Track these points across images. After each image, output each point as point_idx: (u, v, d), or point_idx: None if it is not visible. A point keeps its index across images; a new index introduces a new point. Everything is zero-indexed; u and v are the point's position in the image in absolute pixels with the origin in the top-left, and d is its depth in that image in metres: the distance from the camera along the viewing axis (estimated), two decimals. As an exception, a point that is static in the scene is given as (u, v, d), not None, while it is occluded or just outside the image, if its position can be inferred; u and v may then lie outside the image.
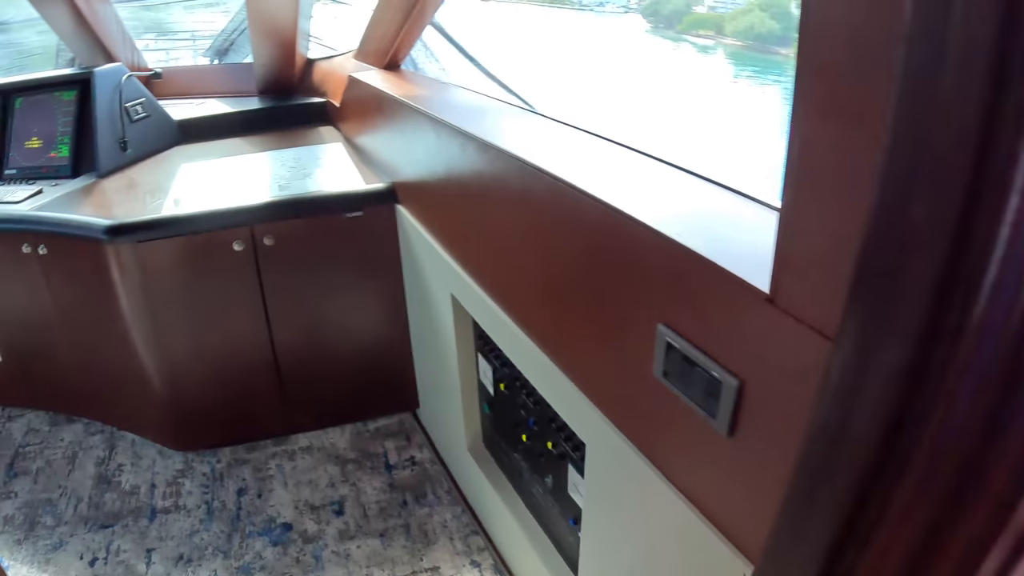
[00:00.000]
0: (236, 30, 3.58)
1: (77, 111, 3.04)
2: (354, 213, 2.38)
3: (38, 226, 2.54)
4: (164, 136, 3.20)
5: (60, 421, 3.17)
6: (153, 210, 2.44)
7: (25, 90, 3.21)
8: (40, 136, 3.10)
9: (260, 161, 2.86)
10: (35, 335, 2.92)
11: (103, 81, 2.97)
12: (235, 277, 2.45)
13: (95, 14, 3.22)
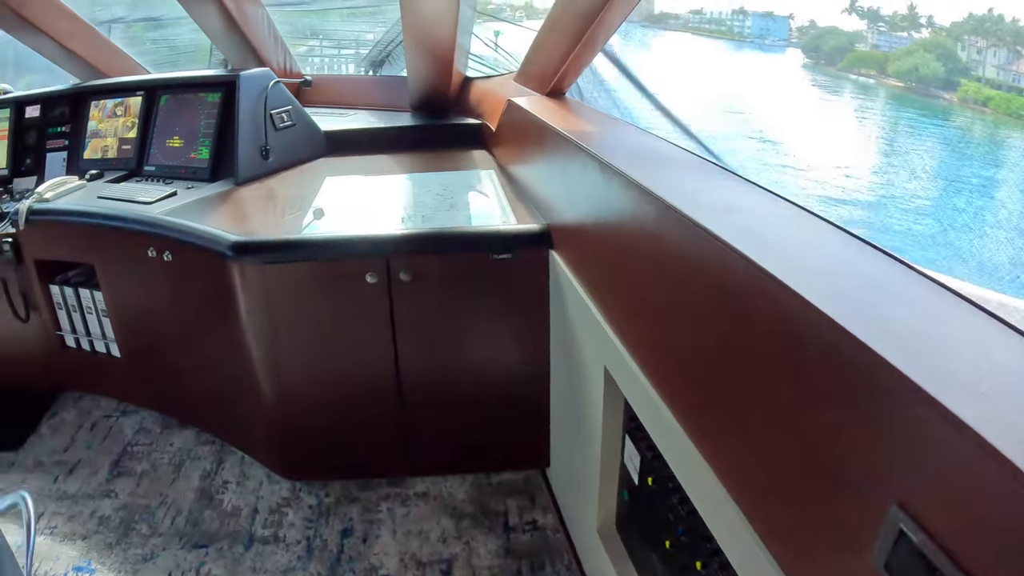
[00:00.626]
0: (392, 42, 3.70)
1: (221, 114, 3.12)
2: (503, 255, 2.29)
3: (165, 232, 2.57)
4: (309, 147, 3.26)
5: (172, 425, 3.26)
6: (286, 228, 2.42)
7: (171, 87, 3.35)
8: (182, 136, 3.22)
9: (406, 184, 2.81)
10: (154, 337, 3.00)
11: (248, 85, 3.05)
12: (365, 309, 2.40)
13: (244, 16, 3.32)
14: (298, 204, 2.73)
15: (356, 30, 4.13)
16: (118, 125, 3.50)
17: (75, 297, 3.18)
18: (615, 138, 2.09)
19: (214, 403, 2.97)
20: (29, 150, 3.76)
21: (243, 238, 2.31)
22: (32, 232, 3.08)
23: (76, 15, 3.61)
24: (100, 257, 2.97)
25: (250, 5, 3.34)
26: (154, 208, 2.73)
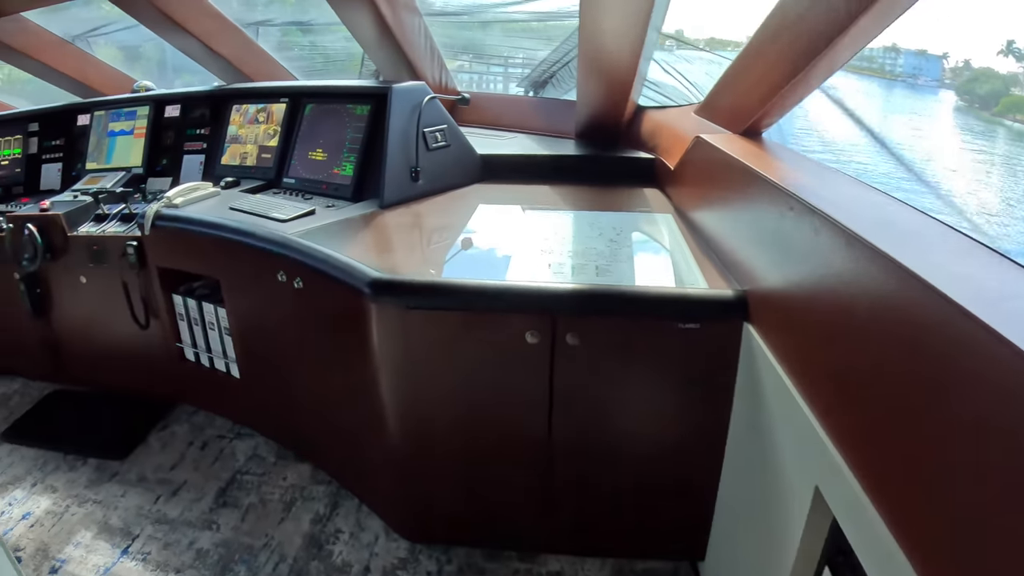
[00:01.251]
0: (559, 62, 3.64)
1: (369, 128, 3.02)
2: (689, 325, 2.05)
3: (298, 256, 2.45)
4: (463, 171, 3.14)
5: (288, 457, 3.16)
6: (433, 257, 2.27)
7: (318, 96, 3.30)
8: (326, 149, 3.14)
9: (572, 223, 2.62)
10: (276, 363, 2.89)
11: (401, 99, 2.95)
12: (520, 369, 2.20)
13: (400, 25, 3.25)
14: (448, 234, 2.57)
15: (519, 47, 4.11)
16: (259, 132, 3.50)
17: (198, 310, 3.14)
18: (836, 191, 1.78)
19: (335, 441, 2.86)
20: (166, 150, 3.85)
21: (385, 276, 2.14)
22: (158, 238, 3.07)
23: (221, 15, 3.62)
24: (226, 273, 2.91)
25: (407, 13, 3.26)
26: (289, 227, 2.63)
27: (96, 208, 3.48)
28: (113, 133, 4.07)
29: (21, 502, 3.10)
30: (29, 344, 3.96)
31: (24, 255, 3.49)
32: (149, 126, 3.94)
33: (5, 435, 3.63)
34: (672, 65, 3.53)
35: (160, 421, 3.56)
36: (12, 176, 4.35)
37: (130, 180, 3.84)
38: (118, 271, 3.32)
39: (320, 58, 4.36)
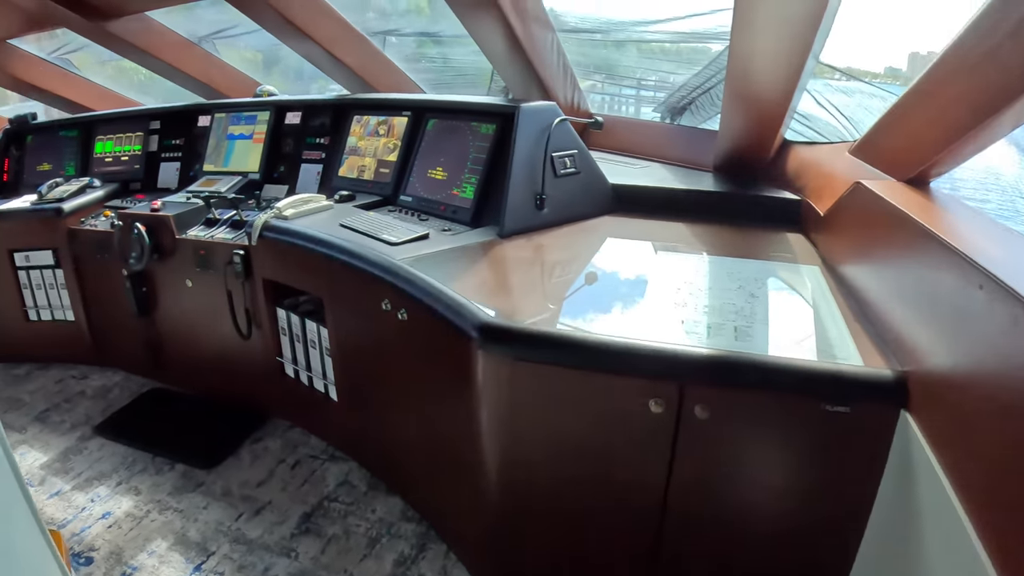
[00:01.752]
0: (700, 88, 3.50)
1: (493, 149, 2.91)
2: (837, 407, 1.79)
3: (404, 285, 2.34)
4: (592, 201, 3.00)
5: (379, 488, 3.06)
6: (551, 308, 2.09)
7: (441, 112, 3.22)
8: (446, 168, 3.04)
9: (707, 270, 2.40)
10: (374, 391, 2.82)
11: (529, 120, 2.82)
12: (638, 439, 2.00)
13: (531, 40, 3.14)
14: (570, 274, 2.41)
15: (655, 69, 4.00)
16: (379, 145, 3.45)
17: (300, 327, 3.08)
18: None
19: (429, 480, 2.75)
20: (284, 157, 3.87)
21: (495, 321, 1.99)
22: (264, 249, 3.04)
23: (346, 22, 3.58)
24: (330, 293, 2.84)
25: (539, 28, 3.15)
26: (399, 252, 2.53)
27: (207, 212, 3.50)
28: (232, 136, 4.15)
29: (103, 500, 3.14)
30: (132, 340, 4.06)
31: (132, 253, 3.56)
32: (269, 132, 3.99)
33: (98, 429, 3.71)
34: (825, 96, 3.35)
35: (254, 433, 3.55)
36: (131, 172, 4.52)
37: (246, 185, 3.88)
38: (223, 278, 3.31)
39: (449, 71, 4.33)
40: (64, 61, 5.04)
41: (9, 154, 4.88)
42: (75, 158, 4.74)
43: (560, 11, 3.30)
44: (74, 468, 3.43)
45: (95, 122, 4.76)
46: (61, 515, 3.09)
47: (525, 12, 3.04)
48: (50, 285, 4.30)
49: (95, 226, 3.95)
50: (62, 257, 4.16)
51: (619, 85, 4.14)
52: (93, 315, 4.30)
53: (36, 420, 3.94)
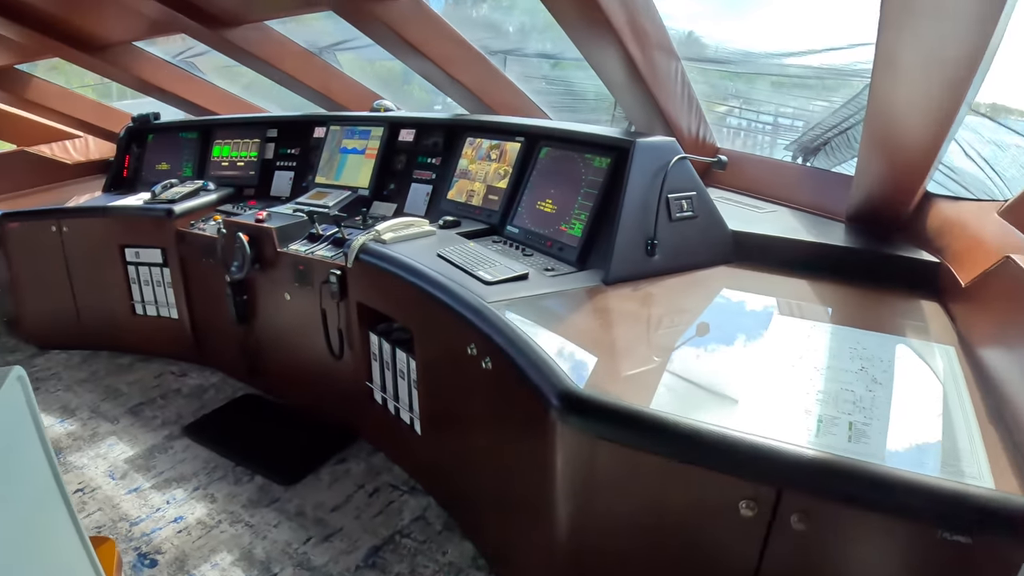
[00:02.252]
0: (836, 128, 3.26)
1: (606, 185, 2.76)
2: (957, 537, 1.49)
3: (491, 332, 2.20)
4: (708, 248, 2.78)
5: (454, 529, 2.97)
6: (648, 379, 1.89)
7: (555, 140, 3.09)
8: (557, 201, 2.91)
9: (829, 346, 2.10)
10: (457, 432, 2.72)
11: (645, 156, 2.66)
12: (722, 538, 1.80)
13: (653, 69, 2.97)
14: (675, 333, 2.22)
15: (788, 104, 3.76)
16: (490, 170, 3.35)
17: (391, 355, 3.00)
18: None
19: (502, 533, 2.61)
20: (395, 175, 3.82)
21: (579, 391, 1.79)
22: (360, 272, 2.98)
23: (464, 41, 3.51)
24: (419, 326, 2.74)
25: (661, 56, 2.97)
26: (493, 292, 2.40)
27: (311, 226, 3.51)
28: (345, 150, 4.15)
29: (178, 503, 3.17)
30: (231, 344, 4.10)
31: (234, 262, 3.60)
32: (381, 148, 3.95)
33: (187, 429, 3.77)
34: (974, 147, 3.05)
35: (339, 453, 3.50)
36: (246, 177, 4.58)
37: (355, 201, 3.84)
38: (319, 296, 3.28)
39: (570, 95, 4.19)
40: (189, 64, 5.17)
41: (130, 151, 5.04)
42: (193, 159, 4.85)
43: (691, 37, 3.12)
44: (157, 466, 3.49)
45: (214, 126, 4.87)
46: (135, 512, 3.14)
47: (646, 39, 2.86)
48: (157, 282, 4.42)
49: (203, 230, 4.01)
50: (170, 257, 4.26)
51: (756, 111, 3.91)
52: (196, 315, 4.39)
53: (130, 412, 4.06)
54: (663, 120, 3.20)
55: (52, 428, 3.98)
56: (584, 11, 2.65)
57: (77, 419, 4.05)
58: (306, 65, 4.29)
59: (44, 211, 4.63)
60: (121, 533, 3.02)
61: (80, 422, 4.01)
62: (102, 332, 4.81)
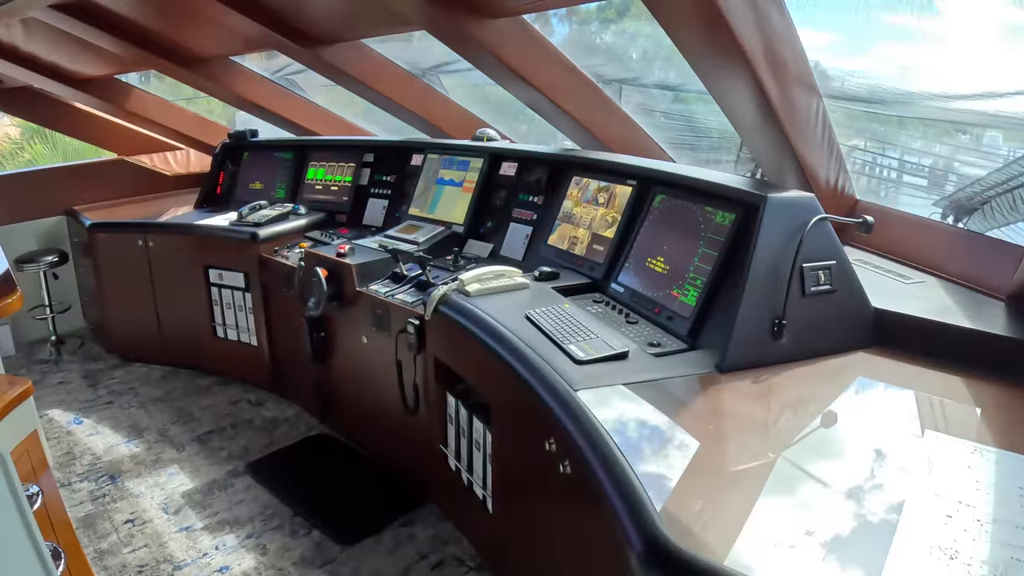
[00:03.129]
0: (1001, 186, 2.72)
1: (729, 246, 2.34)
2: None
3: (572, 428, 1.83)
4: (847, 330, 2.29)
5: None
6: (759, 513, 1.48)
7: (671, 186, 2.70)
8: (669, 259, 2.52)
9: (994, 481, 1.61)
10: (526, 521, 2.38)
11: (778, 216, 2.22)
12: None
13: (790, 107, 2.50)
14: (800, 445, 1.78)
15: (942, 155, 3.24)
16: (596, 216, 2.97)
17: (468, 422, 2.65)
18: None
19: None
20: (493, 212, 3.50)
21: (669, 542, 1.39)
22: (439, 325, 2.68)
23: (575, 68, 3.18)
24: (497, 399, 2.41)
25: (800, 92, 2.49)
26: (583, 374, 2.01)
27: (395, 265, 3.24)
28: (442, 181, 3.85)
29: (227, 551, 3.01)
30: (308, 380, 3.90)
31: (311, 297, 3.37)
32: (480, 181, 3.63)
33: (251, 466, 3.58)
34: None
35: (407, 514, 3.21)
36: (339, 203, 4.36)
37: (448, 237, 3.54)
38: (395, 344, 3.00)
39: (692, 131, 3.75)
40: (288, 81, 5.02)
41: (225, 167, 4.93)
42: (287, 181, 4.69)
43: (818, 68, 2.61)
44: (213, 505, 3.33)
45: (310, 147, 4.71)
46: (181, 555, 3.00)
47: (784, 71, 2.40)
48: (239, 307, 4.28)
49: (286, 258, 3.81)
50: (252, 282, 4.11)
51: (882, 144, 3.39)
52: (275, 345, 4.21)
53: (197, 440, 3.93)
54: (797, 166, 2.75)
55: (117, 448, 3.89)
56: (713, 37, 2.24)
57: (143, 441, 3.95)
58: (406, 87, 4.03)
59: (131, 224, 4.60)
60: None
61: (146, 445, 3.91)
62: (183, 350, 4.72)
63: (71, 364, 5.09)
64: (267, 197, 4.59)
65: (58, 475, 3.68)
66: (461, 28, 2.84)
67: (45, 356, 5.25)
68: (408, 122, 4.40)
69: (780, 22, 2.23)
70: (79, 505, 3.40)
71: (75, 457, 3.85)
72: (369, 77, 3.89)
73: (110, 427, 4.15)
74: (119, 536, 3.15)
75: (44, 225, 5.43)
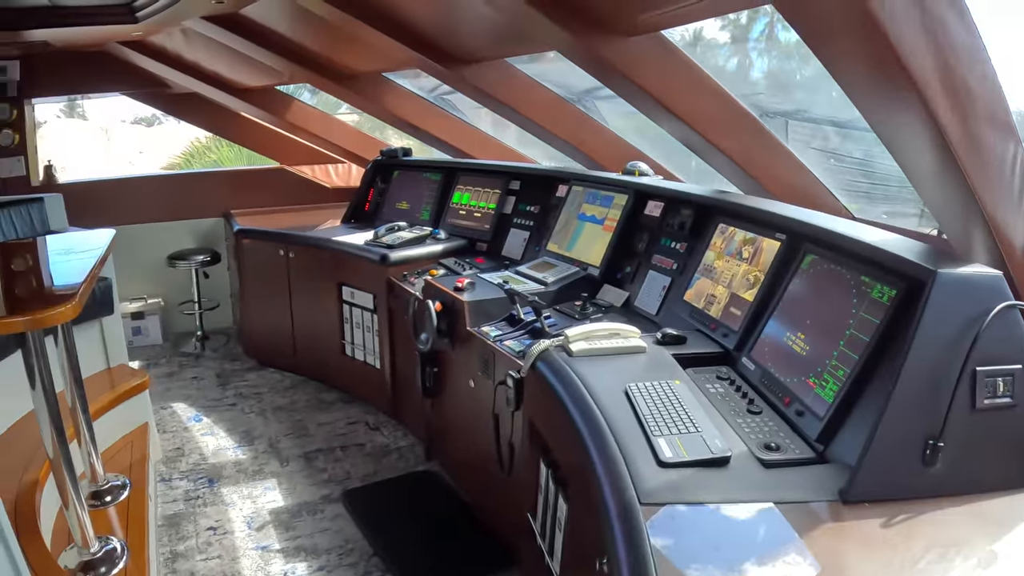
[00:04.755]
0: None
1: (884, 331, 1.89)
2: None
3: (620, 558, 1.52)
4: (1018, 459, 1.79)
5: None
6: None
7: (824, 245, 2.27)
8: (811, 338, 2.10)
9: None
10: None
11: (948, 299, 1.76)
12: None
13: (978, 155, 1.94)
14: None
15: None
16: (738, 273, 2.58)
17: (554, 498, 2.32)
18: None
19: None
20: (633, 256, 3.20)
21: None
22: (535, 384, 2.38)
23: (728, 97, 2.84)
24: (574, 483, 2.13)
25: (993, 134, 1.87)
26: (659, 479, 1.68)
27: (512, 307, 2.99)
28: (584, 216, 3.57)
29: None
30: (419, 413, 3.80)
31: (423, 333, 3.19)
32: (622, 220, 3.31)
33: (347, 495, 3.50)
34: None
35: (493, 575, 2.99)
36: (480, 231, 4.21)
37: (580, 280, 3.26)
38: (494, 396, 2.75)
39: (867, 177, 3.19)
40: (443, 101, 4.93)
41: (374, 184, 4.91)
42: (432, 203, 4.62)
43: None
44: (297, 528, 3.29)
45: (458, 169, 4.60)
46: (247, 574, 2.99)
47: (972, 110, 1.91)
48: (367, 327, 4.26)
49: (413, 284, 3.68)
50: (379, 304, 4.05)
51: None
52: (397, 372, 4.12)
53: (303, 457, 3.93)
54: (985, 229, 2.18)
55: (224, 452, 3.97)
56: (873, 60, 1.79)
57: (252, 450, 4.00)
58: (556, 111, 3.80)
59: (274, 233, 4.71)
60: (224, 593, 2.80)
61: (253, 454, 3.95)
62: (313, 363, 4.78)
63: (210, 361, 5.32)
64: (412, 218, 4.54)
65: (162, 469, 3.79)
66: (591, 47, 2.58)
67: (189, 349, 5.53)
68: (560, 149, 4.17)
69: (964, 38, 1.73)
70: (171, 503, 3.47)
71: (184, 454, 3.95)
72: (515, 99, 3.70)
73: (225, 429, 4.25)
74: (198, 541, 3.18)
75: (203, 225, 5.73)
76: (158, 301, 5.69)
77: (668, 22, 2.51)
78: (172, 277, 5.67)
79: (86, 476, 3.03)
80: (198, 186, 6.02)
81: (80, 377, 2.94)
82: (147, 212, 5.57)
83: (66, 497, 2.49)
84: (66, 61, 5.24)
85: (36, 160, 5.45)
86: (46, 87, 5.41)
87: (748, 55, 3.35)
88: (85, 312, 2.48)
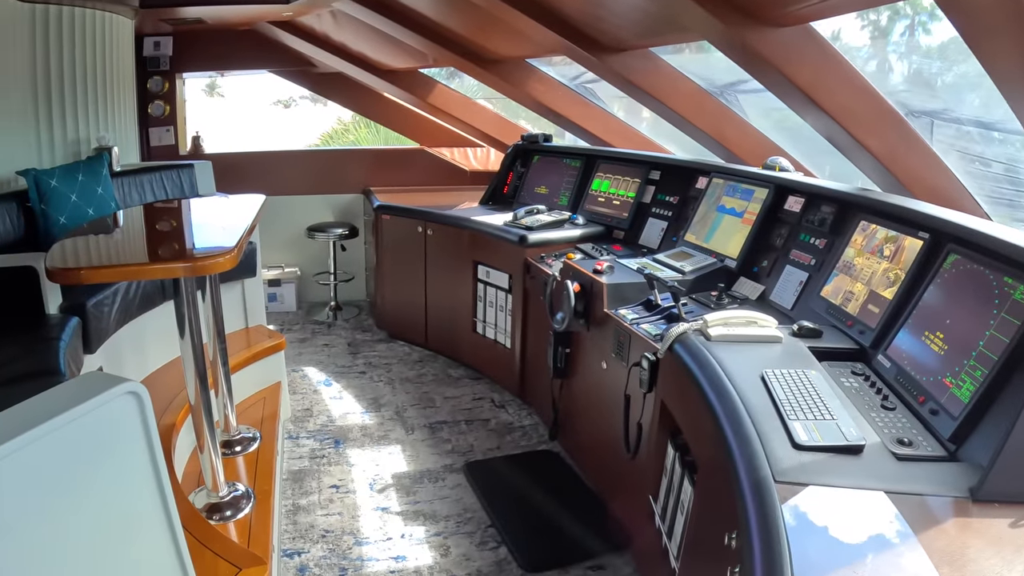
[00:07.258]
0: None
1: (1014, 351, 1.91)
2: None
3: (758, 538, 1.57)
4: None
5: None
6: None
7: (959, 243, 2.31)
8: (949, 338, 2.15)
9: None
10: None
11: None
12: None
13: None
14: None
15: None
16: (878, 271, 2.64)
17: (679, 480, 2.44)
18: None
19: None
20: (770, 250, 3.28)
21: None
22: (671, 366, 2.50)
23: (875, 93, 2.86)
24: (704, 463, 2.23)
25: None
26: (794, 460, 1.76)
27: (649, 292, 3.12)
28: (723, 209, 3.65)
29: (411, 543, 3.12)
30: (547, 393, 3.93)
31: (559, 313, 3.35)
32: (761, 214, 3.38)
33: (469, 466, 3.68)
34: None
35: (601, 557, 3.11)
36: (618, 218, 4.32)
37: (716, 271, 3.36)
38: (627, 377, 2.88)
39: (1011, 183, 3.15)
40: (585, 89, 5.06)
41: (514, 168, 5.08)
42: (571, 188, 4.75)
43: None
44: (417, 493, 3.47)
45: (598, 157, 4.71)
46: (367, 532, 3.15)
47: None
48: (500, 307, 4.42)
49: (550, 266, 3.83)
50: (514, 284, 4.21)
51: None
52: (528, 352, 4.29)
53: (428, 427, 4.13)
54: None
55: (351, 416, 4.22)
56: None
57: (379, 416, 4.23)
58: (698, 104, 3.88)
59: (413, 210, 4.96)
60: (341, 547, 3.04)
61: (379, 420, 4.18)
62: (443, 338, 5.02)
63: (341, 330, 5.64)
64: (550, 203, 4.69)
65: (291, 427, 4.05)
66: (741, 37, 2.65)
67: (322, 318, 5.89)
68: (699, 142, 4.25)
69: None
70: (297, 459, 3.71)
71: (312, 415, 4.22)
72: (661, 90, 3.80)
73: (354, 395, 4.52)
74: (320, 497, 3.39)
75: (342, 200, 6.04)
76: (295, 270, 6.06)
77: (818, 14, 2.58)
78: (310, 248, 6.01)
79: (220, 425, 3.30)
80: (340, 163, 6.36)
81: (223, 331, 3.22)
82: (289, 184, 5.96)
83: (202, 441, 2.74)
84: (216, 38, 5.73)
85: (184, 131, 5.99)
86: (196, 62, 5.91)
87: (887, 57, 3.37)
88: (230, 272, 2.73)
